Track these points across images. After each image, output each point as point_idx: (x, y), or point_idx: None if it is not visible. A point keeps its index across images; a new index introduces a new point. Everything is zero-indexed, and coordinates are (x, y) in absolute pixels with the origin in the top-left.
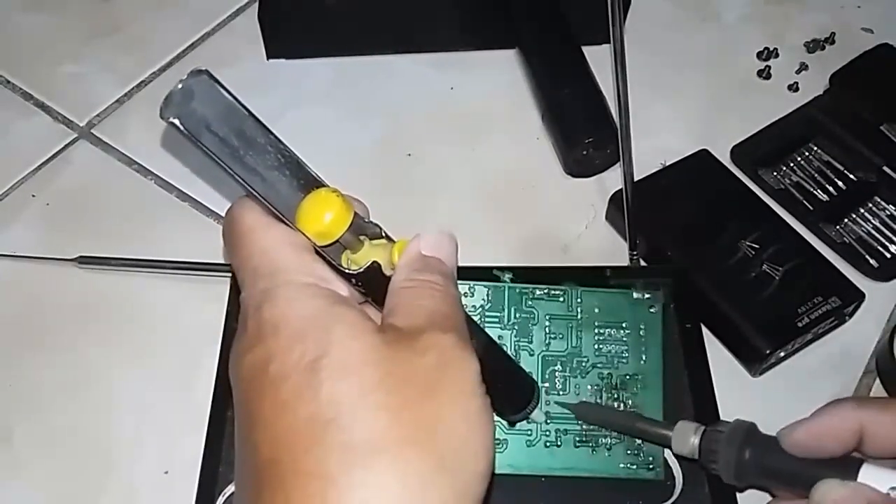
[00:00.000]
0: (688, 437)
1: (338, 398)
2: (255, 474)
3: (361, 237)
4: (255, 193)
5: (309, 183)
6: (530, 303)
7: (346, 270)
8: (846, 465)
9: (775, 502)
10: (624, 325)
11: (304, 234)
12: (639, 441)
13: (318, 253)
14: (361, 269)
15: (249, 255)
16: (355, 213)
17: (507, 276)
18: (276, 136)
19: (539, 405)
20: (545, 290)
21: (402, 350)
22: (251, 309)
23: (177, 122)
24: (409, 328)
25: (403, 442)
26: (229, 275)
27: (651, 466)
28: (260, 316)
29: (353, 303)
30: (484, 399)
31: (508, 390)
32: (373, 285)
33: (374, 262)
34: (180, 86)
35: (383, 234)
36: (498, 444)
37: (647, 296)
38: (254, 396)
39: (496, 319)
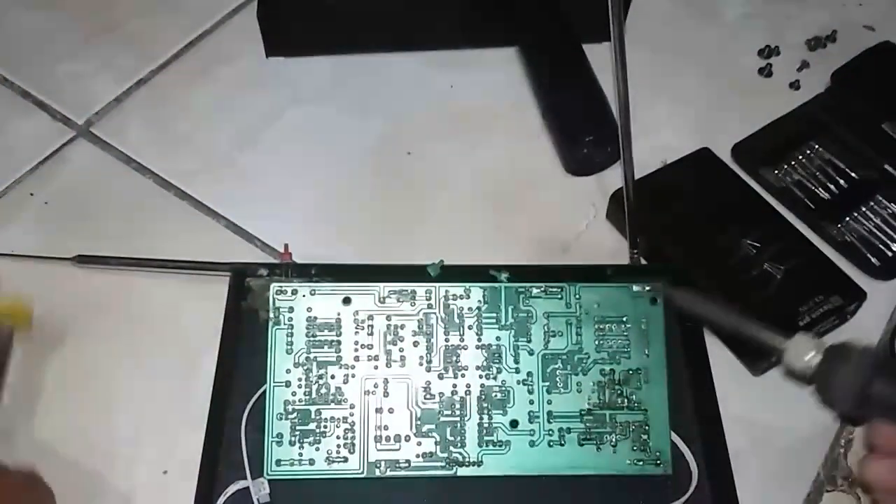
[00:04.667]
0: (806, 351)
1: None
2: None
3: None
4: None
5: None
6: (528, 301)
7: None
8: None
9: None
10: (625, 319)
11: None
12: (644, 436)
13: None
14: None
15: None
16: None
17: (504, 276)
18: None
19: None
20: (542, 288)
21: None
22: None
23: None
24: None
25: None
26: (228, 274)
27: (658, 462)
28: None
29: None
30: None
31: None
32: None
33: None
34: None
35: None
36: (500, 445)
37: (647, 289)
38: None
39: (493, 320)
